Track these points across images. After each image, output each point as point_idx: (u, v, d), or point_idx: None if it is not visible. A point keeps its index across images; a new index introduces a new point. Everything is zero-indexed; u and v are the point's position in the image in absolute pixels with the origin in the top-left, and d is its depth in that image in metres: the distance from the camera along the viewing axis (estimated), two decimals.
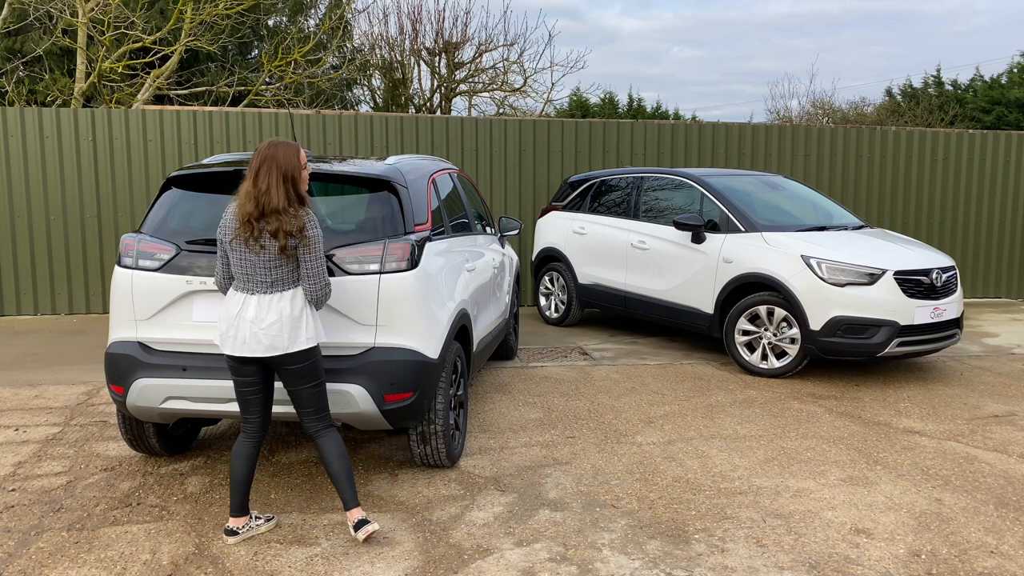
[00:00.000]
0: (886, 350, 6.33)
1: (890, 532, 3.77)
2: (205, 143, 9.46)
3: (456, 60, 19.46)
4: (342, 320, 3.93)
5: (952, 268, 6.87)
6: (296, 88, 15.91)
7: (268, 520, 3.75)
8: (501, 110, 20.15)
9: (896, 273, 6.41)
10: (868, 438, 5.15)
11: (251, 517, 3.68)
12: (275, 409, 3.80)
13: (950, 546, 3.64)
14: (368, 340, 3.94)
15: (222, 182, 4.18)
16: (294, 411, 3.91)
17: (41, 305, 9.34)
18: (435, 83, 19.91)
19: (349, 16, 18.87)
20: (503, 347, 6.87)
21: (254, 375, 3.54)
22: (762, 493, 4.22)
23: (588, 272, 8.44)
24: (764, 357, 6.70)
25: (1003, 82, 25.38)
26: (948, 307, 6.61)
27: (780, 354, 6.65)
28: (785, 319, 6.55)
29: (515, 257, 7.37)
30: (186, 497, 4.09)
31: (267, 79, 15.35)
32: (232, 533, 3.62)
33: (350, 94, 20.97)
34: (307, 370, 3.54)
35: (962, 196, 11.42)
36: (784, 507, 4.04)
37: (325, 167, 4.55)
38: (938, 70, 29.96)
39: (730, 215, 7.06)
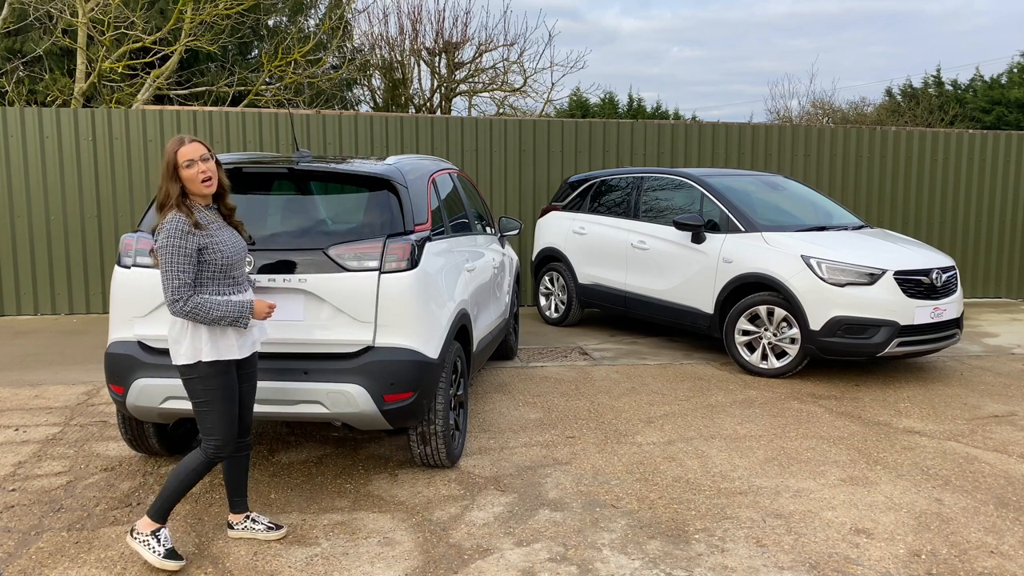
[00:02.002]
0: (886, 350, 6.33)
1: (890, 532, 3.77)
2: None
3: (456, 60, 19.46)
4: (340, 316, 3.92)
5: (952, 268, 6.87)
6: (296, 88, 15.90)
7: (272, 528, 3.66)
8: (501, 110, 20.15)
9: (896, 273, 6.41)
10: (868, 438, 5.15)
11: (247, 517, 3.68)
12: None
13: (950, 546, 3.64)
14: (366, 337, 3.94)
15: None
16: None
17: (41, 305, 9.34)
18: (435, 83, 19.92)
19: (349, 16, 18.88)
20: (503, 347, 6.87)
21: None
22: (762, 493, 4.22)
23: (588, 272, 8.44)
24: (764, 357, 6.70)
25: (1003, 82, 25.38)
26: (948, 307, 6.61)
27: (780, 354, 6.65)
28: (785, 319, 6.55)
29: (515, 257, 7.36)
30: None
31: (267, 79, 15.35)
32: (230, 527, 3.68)
33: (350, 94, 20.97)
34: (187, 386, 3.37)
35: (962, 196, 11.42)
36: (784, 507, 4.04)
37: (325, 166, 4.56)
38: (938, 70, 30.00)
39: (730, 215, 7.06)
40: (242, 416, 3.56)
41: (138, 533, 3.38)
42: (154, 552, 3.34)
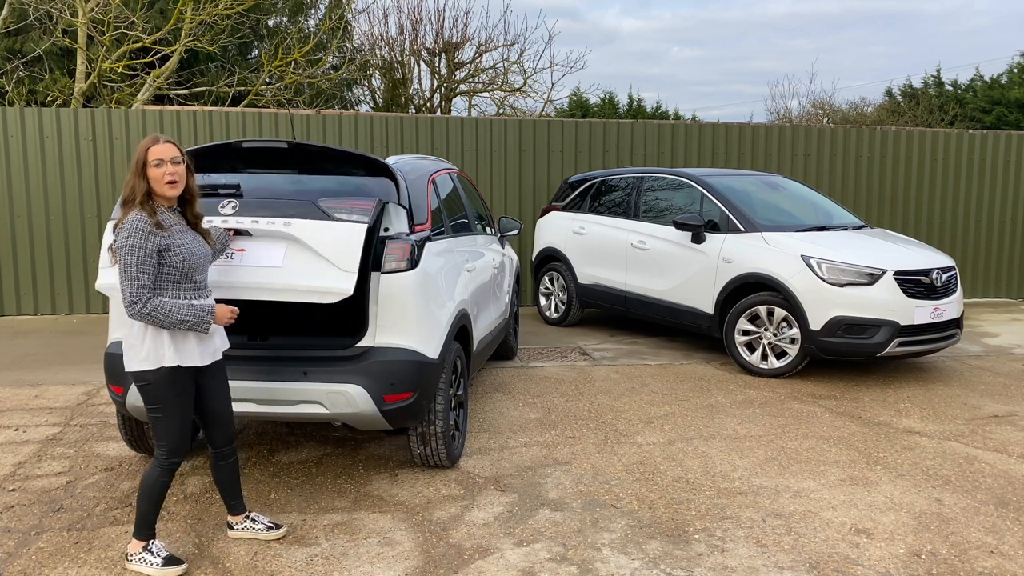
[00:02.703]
0: (886, 350, 6.33)
1: (890, 532, 3.77)
2: (205, 143, 9.46)
3: (456, 60, 19.46)
4: (320, 263, 3.71)
5: (952, 268, 6.87)
6: (296, 88, 15.90)
7: (272, 528, 3.66)
8: (501, 110, 20.15)
9: (896, 273, 6.41)
10: (868, 438, 5.15)
11: (247, 517, 3.67)
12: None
13: (950, 546, 3.64)
14: (346, 287, 3.68)
15: (213, 159, 4.19)
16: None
17: (41, 305, 9.34)
18: (435, 83, 19.92)
19: (349, 16, 18.88)
20: (503, 347, 6.87)
21: None
22: (762, 493, 4.22)
23: (588, 272, 8.44)
24: (764, 357, 6.70)
25: (1003, 82, 25.38)
26: (948, 307, 6.61)
27: (780, 354, 6.65)
28: (785, 319, 6.55)
29: (515, 257, 7.37)
30: (186, 497, 4.09)
31: (267, 79, 15.35)
32: (230, 527, 3.68)
33: (350, 94, 20.96)
34: (142, 392, 3.27)
35: (962, 196, 11.42)
36: (784, 507, 4.04)
37: (322, 146, 4.51)
38: (938, 70, 30.01)
39: (730, 215, 7.06)
40: (221, 425, 3.50)
41: (132, 555, 3.35)
42: (152, 565, 3.31)
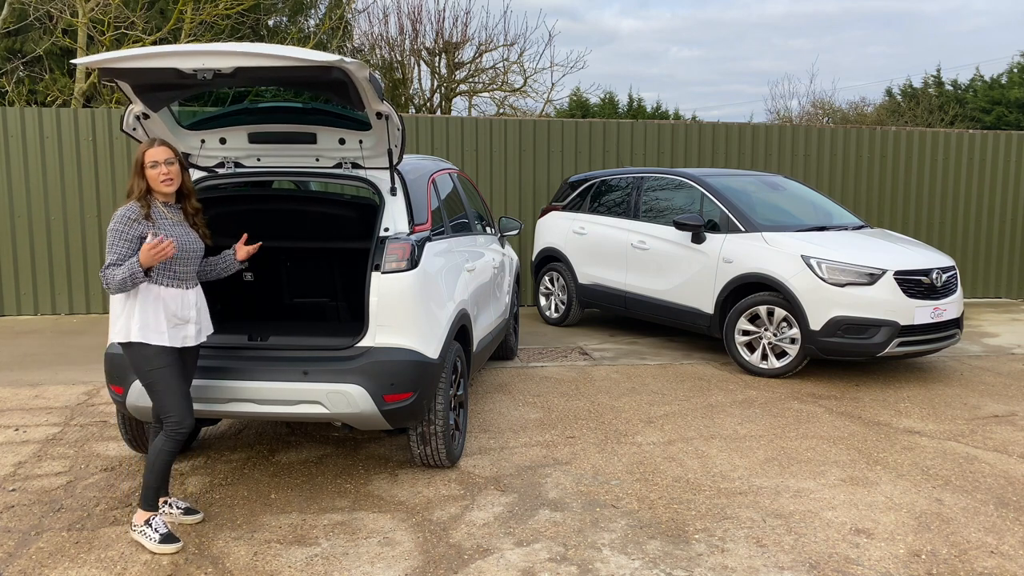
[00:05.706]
0: (886, 350, 6.33)
1: (890, 532, 3.77)
2: None
3: (456, 60, 19.46)
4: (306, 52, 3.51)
5: (952, 268, 6.87)
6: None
7: (190, 512, 3.80)
8: (501, 110, 20.15)
9: (896, 273, 6.41)
10: (868, 438, 5.15)
11: (165, 502, 3.76)
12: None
13: (950, 546, 3.64)
14: (329, 60, 3.47)
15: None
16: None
17: (41, 305, 9.34)
18: (435, 83, 19.92)
19: (349, 16, 18.87)
20: (503, 347, 6.87)
21: None
22: (762, 493, 4.22)
23: (588, 272, 8.44)
24: (764, 357, 6.70)
25: (1003, 82, 25.37)
26: (948, 307, 6.61)
27: (780, 354, 6.64)
28: (785, 319, 6.55)
29: (515, 257, 7.36)
30: (186, 497, 4.09)
31: None
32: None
33: None
34: (132, 367, 3.59)
35: (962, 196, 11.42)
36: (784, 507, 4.04)
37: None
38: (938, 70, 30.01)
39: (730, 215, 7.06)
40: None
41: (135, 526, 3.55)
42: (150, 539, 3.49)
